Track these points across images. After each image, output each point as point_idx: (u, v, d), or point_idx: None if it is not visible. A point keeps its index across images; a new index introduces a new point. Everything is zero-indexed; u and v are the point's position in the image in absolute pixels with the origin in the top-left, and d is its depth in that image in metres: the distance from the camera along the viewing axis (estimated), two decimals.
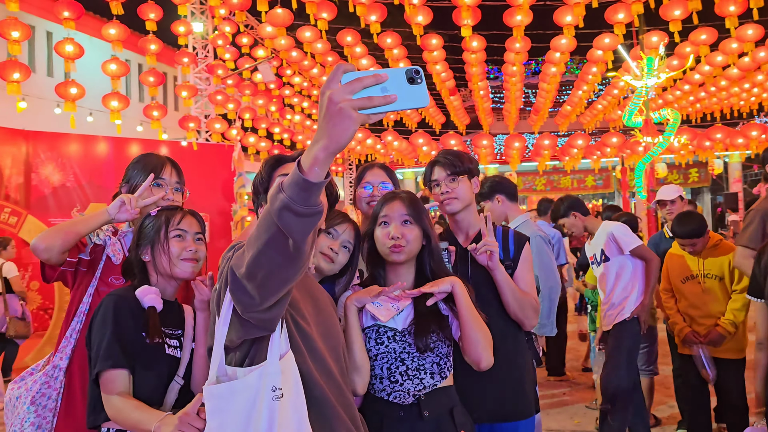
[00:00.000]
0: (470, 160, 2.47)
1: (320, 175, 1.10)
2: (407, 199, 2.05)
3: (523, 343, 2.46)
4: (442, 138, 16.68)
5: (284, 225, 1.14)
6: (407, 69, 1.14)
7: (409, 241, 1.98)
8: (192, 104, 11.76)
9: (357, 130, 1.09)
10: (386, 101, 1.08)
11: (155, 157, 2.38)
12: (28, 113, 9.68)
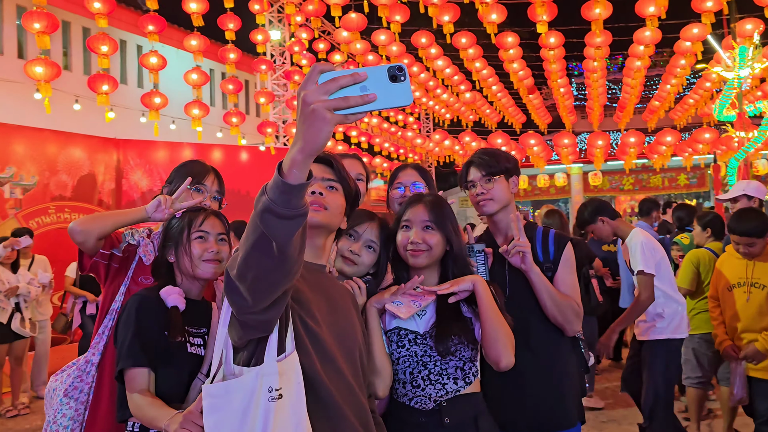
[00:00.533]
0: (507, 159, 2.35)
1: (300, 177, 1.08)
2: (431, 203, 1.98)
3: (565, 350, 2.32)
4: (522, 137, 16.28)
5: (266, 227, 1.12)
6: (390, 66, 1.09)
7: (431, 246, 1.93)
8: (270, 110, 12.09)
9: (332, 130, 1.06)
10: (364, 101, 1.05)
11: (200, 165, 2.43)
12: (116, 122, 10.28)
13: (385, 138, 18.16)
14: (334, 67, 1.07)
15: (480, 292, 1.86)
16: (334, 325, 1.56)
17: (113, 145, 10.20)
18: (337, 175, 1.64)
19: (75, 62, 12.94)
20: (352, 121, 1.08)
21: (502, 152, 2.38)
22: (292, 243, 1.16)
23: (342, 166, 1.67)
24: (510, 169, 2.33)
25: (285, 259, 1.18)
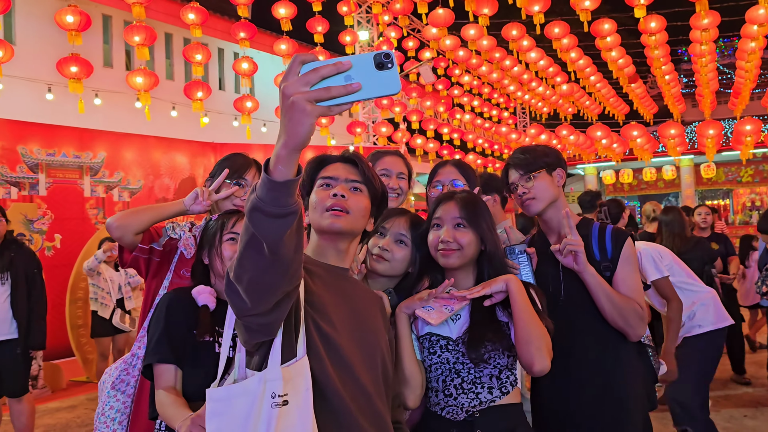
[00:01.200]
0: (546, 153, 2.18)
1: (286, 174, 1.03)
2: (463, 200, 1.87)
3: (629, 357, 2.12)
4: (624, 129, 15.46)
5: (255, 226, 1.09)
6: (376, 53, 1.04)
7: (462, 246, 1.81)
8: (359, 110, 12.20)
9: (315, 123, 1.01)
10: (347, 91, 1.00)
11: (242, 158, 2.41)
12: (210, 127, 10.76)
13: (479, 134, 17.85)
14: (316, 57, 1.02)
15: (513, 291, 1.73)
16: (353, 330, 1.49)
17: (211, 149, 10.68)
18: (362, 175, 1.57)
19: (177, 71, 13.69)
20: (336, 113, 1.03)
21: (539, 147, 2.22)
22: (284, 242, 1.11)
23: (367, 167, 1.59)
24: (550, 162, 2.17)
25: (278, 259, 1.13)
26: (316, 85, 1.00)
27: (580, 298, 2.06)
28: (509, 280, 1.74)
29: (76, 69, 7.29)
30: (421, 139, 13.86)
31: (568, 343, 2.07)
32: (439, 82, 14.62)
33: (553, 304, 2.11)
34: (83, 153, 9.26)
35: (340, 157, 1.60)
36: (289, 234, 1.10)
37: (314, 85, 1.00)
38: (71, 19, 7.09)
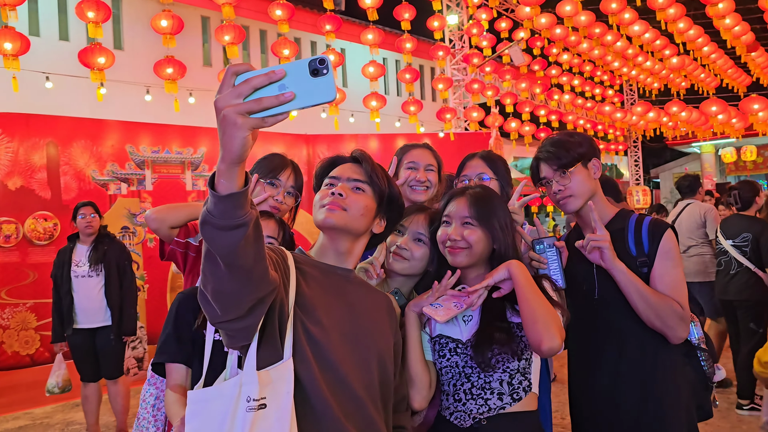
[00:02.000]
0: (579, 143, 2.01)
1: (229, 187, 1.04)
2: (474, 196, 1.78)
3: (672, 362, 1.93)
4: (743, 102, 14.17)
5: (206, 239, 1.10)
6: (311, 60, 1.01)
7: (471, 244, 1.73)
8: (449, 95, 12.01)
9: (247, 136, 1.00)
10: (279, 101, 0.98)
11: (279, 158, 2.41)
12: (298, 120, 11.01)
13: (579, 114, 17.05)
14: (250, 68, 1.00)
15: (515, 273, 1.64)
16: (347, 333, 1.47)
17: (304, 140, 10.97)
18: (366, 175, 1.53)
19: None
20: (271, 124, 1.01)
21: (571, 137, 2.05)
22: (238, 253, 1.11)
23: (373, 166, 1.56)
24: (585, 153, 2.01)
25: (235, 269, 1.13)
26: (250, 97, 0.98)
27: (615, 297, 1.90)
28: (510, 264, 1.66)
29: (171, 70, 7.70)
30: (516, 122, 13.43)
31: (602, 347, 1.92)
32: (535, 62, 14.08)
33: (587, 304, 1.97)
34: (185, 149, 9.81)
35: (349, 158, 1.58)
36: (243, 245, 1.09)
37: (247, 96, 0.98)
38: (165, 23, 7.49)
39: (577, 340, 2.01)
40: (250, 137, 1.00)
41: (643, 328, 1.88)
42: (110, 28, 11.72)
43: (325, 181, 1.55)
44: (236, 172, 1.02)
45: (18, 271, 7.97)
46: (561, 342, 1.55)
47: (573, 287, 2.02)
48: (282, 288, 1.36)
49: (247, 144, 1.00)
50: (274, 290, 1.27)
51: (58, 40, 10.83)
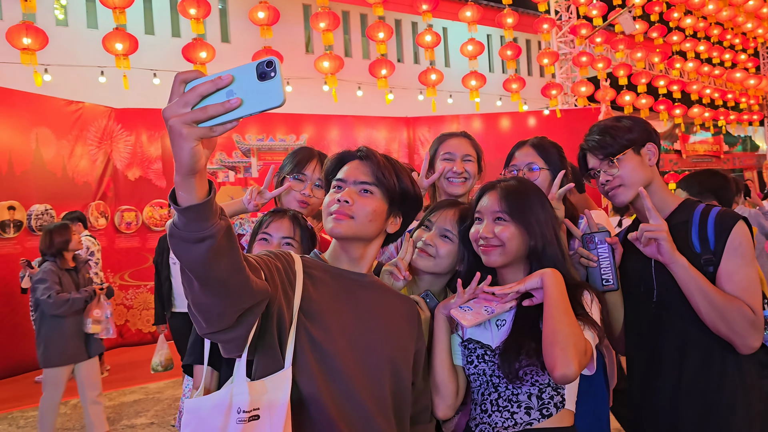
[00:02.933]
0: (629, 128, 1.78)
1: (188, 199, 0.99)
2: (507, 189, 1.62)
3: (740, 375, 1.66)
4: None
5: (173, 252, 1.06)
6: (259, 63, 0.94)
7: (503, 241, 1.57)
8: (554, 70, 11.44)
9: (194, 146, 0.94)
10: (225, 108, 0.93)
11: (305, 152, 2.34)
12: (398, 103, 10.95)
13: (705, 83, 15.65)
14: (199, 74, 0.95)
15: (547, 284, 1.47)
16: (356, 341, 1.39)
17: (404, 123, 10.94)
18: (373, 175, 1.45)
19: (355, 49, 14.12)
20: (220, 133, 0.95)
21: (621, 121, 1.82)
22: (208, 266, 1.06)
23: (380, 164, 1.46)
24: (636, 138, 1.78)
25: (208, 282, 1.09)
26: (198, 105, 0.94)
27: (676, 298, 1.67)
28: (545, 273, 1.49)
29: None
30: (630, 95, 12.56)
31: (662, 356, 1.71)
32: (653, 29, 13.07)
33: (644, 307, 1.76)
34: (288, 136, 10.13)
35: (356, 154, 1.49)
36: (213, 257, 1.05)
37: (195, 105, 0.94)
38: (262, 15, 7.68)
39: (634, 347, 1.81)
40: (200, 147, 0.95)
41: (710, 334, 1.64)
42: (217, 22, 12.28)
43: (333, 183, 1.48)
44: (193, 183, 0.97)
45: (138, 255, 8.64)
46: (577, 370, 1.37)
47: (629, 288, 1.81)
48: (281, 295, 1.30)
49: (196, 155, 0.95)
50: (263, 300, 1.22)
51: (170, 37, 11.51)
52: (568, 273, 1.57)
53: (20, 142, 7.20)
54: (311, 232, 1.96)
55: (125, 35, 6.76)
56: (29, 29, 6.21)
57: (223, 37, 12.27)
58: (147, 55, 9.24)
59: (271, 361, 1.30)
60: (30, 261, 6.32)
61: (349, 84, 10.56)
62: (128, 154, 8.63)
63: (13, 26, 6.22)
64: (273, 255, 1.38)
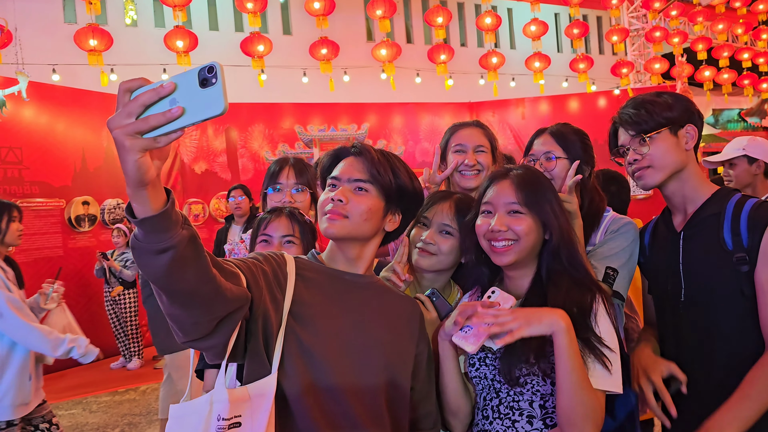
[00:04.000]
0: (669, 104, 1.60)
1: (143, 211, 0.96)
2: (520, 178, 1.48)
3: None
4: None
5: (136, 262, 1.04)
6: (200, 69, 0.90)
7: (519, 236, 1.43)
8: (626, 47, 10.89)
9: (140, 159, 0.91)
10: (166, 118, 0.89)
11: (279, 162, 2.34)
12: (459, 88, 10.73)
13: None
14: (143, 82, 0.92)
15: (560, 344, 1.29)
16: (350, 344, 1.34)
17: (467, 108, 10.74)
18: (367, 172, 1.39)
19: (417, 35, 13.88)
20: (165, 143, 0.92)
21: (661, 96, 1.64)
22: (171, 278, 1.03)
23: (376, 161, 1.39)
24: (675, 117, 1.60)
25: (174, 294, 1.07)
26: (143, 115, 0.90)
27: (707, 300, 1.52)
28: (556, 324, 1.30)
29: (325, 51, 7.92)
30: (710, 70, 11.80)
31: (689, 356, 1.57)
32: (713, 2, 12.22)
33: (671, 308, 1.62)
34: (350, 126, 10.16)
35: (351, 150, 1.43)
36: (176, 268, 1.02)
37: (139, 114, 0.90)
38: (318, 6, 7.70)
39: (665, 356, 1.64)
40: (147, 159, 0.91)
41: (740, 335, 1.48)
42: (279, 15, 12.42)
43: (328, 182, 1.42)
44: (145, 195, 0.94)
45: (207, 246, 8.87)
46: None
47: (656, 285, 1.66)
48: (266, 299, 1.26)
49: (142, 167, 0.91)
50: (241, 307, 1.18)
51: (233, 32, 11.73)
52: (585, 271, 1.44)
53: (92, 140, 7.55)
54: (311, 226, 1.92)
55: (185, 33, 6.94)
56: (95, 31, 6.48)
57: (284, 29, 12.40)
58: (211, 50, 9.45)
59: (258, 366, 1.26)
60: (105, 253, 6.65)
61: (408, 71, 10.44)
62: (194, 148, 8.90)
63: (80, 29, 6.52)
64: (261, 257, 1.34)
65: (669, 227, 1.67)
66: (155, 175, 0.94)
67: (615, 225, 1.81)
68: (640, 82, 11.63)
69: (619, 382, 1.34)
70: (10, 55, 8.29)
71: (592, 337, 1.34)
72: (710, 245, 1.51)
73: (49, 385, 6.42)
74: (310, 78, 10.08)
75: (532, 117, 10.73)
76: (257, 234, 1.91)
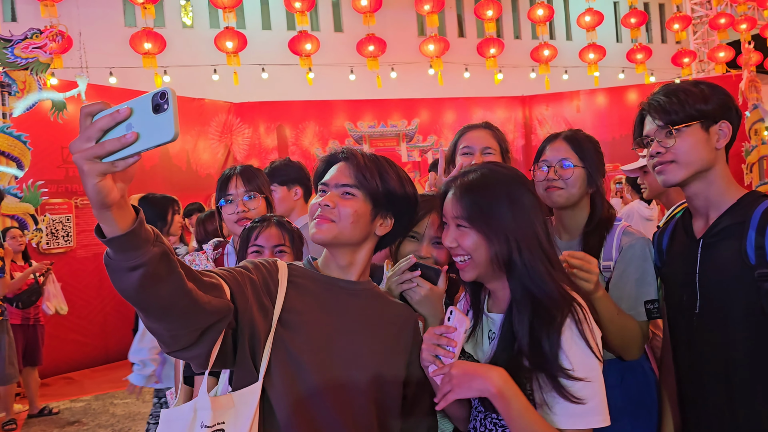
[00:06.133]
0: (705, 96, 1.47)
1: (110, 231, 0.99)
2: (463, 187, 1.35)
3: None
4: None
5: (109, 277, 1.06)
6: (153, 94, 0.91)
7: (469, 251, 1.32)
8: (688, 36, 10.42)
9: (100, 183, 0.93)
10: (122, 143, 0.91)
11: (225, 174, 2.31)
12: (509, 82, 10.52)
13: None
14: (103, 106, 0.94)
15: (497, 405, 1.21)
16: (338, 351, 1.35)
17: (520, 102, 10.56)
18: (354, 178, 1.38)
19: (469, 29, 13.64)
20: (122, 167, 0.93)
21: (698, 87, 1.50)
22: (143, 295, 1.06)
23: (362, 166, 1.38)
24: (709, 111, 1.46)
25: (149, 310, 1.09)
26: (102, 138, 0.93)
27: (725, 314, 1.41)
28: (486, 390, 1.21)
29: (372, 48, 7.94)
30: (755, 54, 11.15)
31: (706, 381, 1.47)
32: None
33: (686, 321, 1.52)
34: (400, 122, 10.15)
35: (341, 156, 1.43)
36: (148, 284, 1.04)
37: (99, 139, 0.93)
38: (365, 2, 7.72)
39: (677, 369, 1.57)
40: (107, 182, 0.93)
41: (757, 351, 1.37)
42: (330, 13, 12.52)
43: (319, 188, 1.43)
44: (110, 216, 0.96)
45: None
46: None
47: (671, 294, 1.57)
48: (253, 308, 1.28)
49: (103, 190, 0.93)
50: (223, 318, 1.19)
51: (286, 30, 11.91)
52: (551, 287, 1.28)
53: None
54: (299, 234, 1.92)
55: (234, 33, 7.09)
56: (149, 35, 6.71)
57: (336, 26, 12.50)
58: (263, 49, 9.64)
59: (245, 373, 1.28)
60: None
61: (457, 66, 10.33)
62: (246, 146, 9.11)
63: (135, 33, 6.76)
64: (251, 266, 1.36)
65: (688, 232, 1.56)
66: (119, 196, 0.95)
67: (627, 242, 1.70)
68: (703, 72, 11.12)
69: (599, 412, 1.22)
70: (75, 59, 8.71)
71: (559, 373, 1.22)
72: (730, 257, 1.40)
73: (106, 375, 6.74)
74: (358, 75, 10.12)
75: (588, 110, 10.44)
76: (247, 244, 1.91)
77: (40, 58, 6.15)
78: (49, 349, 5.73)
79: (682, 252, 1.51)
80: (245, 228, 1.95)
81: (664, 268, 1.62)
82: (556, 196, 1.75)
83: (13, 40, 6.11)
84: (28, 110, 6.12)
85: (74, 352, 6.49)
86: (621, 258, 1.69)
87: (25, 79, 6.17)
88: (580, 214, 1.77)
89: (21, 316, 5.06)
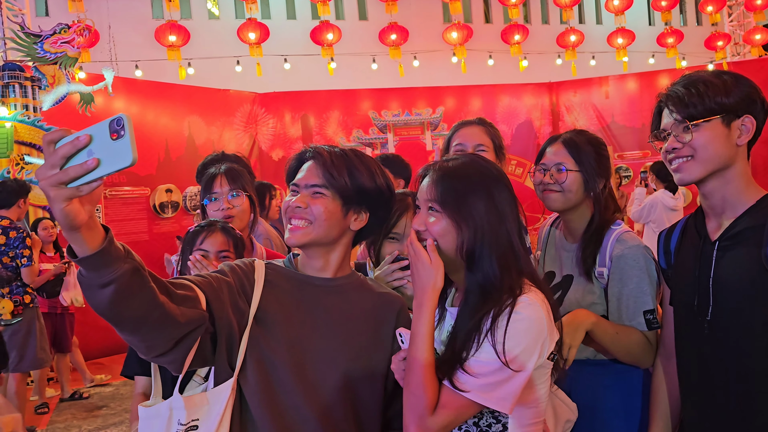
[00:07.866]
0: (728, 89, 1.36)
1: (81, 251, 1.03)
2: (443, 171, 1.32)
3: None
4: None
5: (83, 293, 1.12)
6: (110, 121, 0.95)
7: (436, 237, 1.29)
8: (721, 19, 10.11)
9: (67, 207, 0.97)
10: (83, 170, 0.94)
11: (209, 172, 2.33)
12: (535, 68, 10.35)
13: None
14: (64, 133, 0.97)
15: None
16: (312, 350, 1.38)
17: (546, 89, 10.39)
18: (323, 177, 1.40)
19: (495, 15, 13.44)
20: (88, 192, 0.97)
21: (721, 78, 1.39)
22: (116, 309, 1.10)
23: (329, 164, 1.40)
24: (731, 105, 1.36)
25: (122, 323, 1.14)
26: (66, 165, 0.96)
27: (738, 320, 1.34)
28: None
29: (395, 36, 7.91)
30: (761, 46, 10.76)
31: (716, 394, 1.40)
32: None
33: (695, 327, 1.44)
34: (424, 110, 10.10)
35: (307, 155, 1.45)
36: (120, 299, 1.08)
37: (62, 165, 0.96)
38: None
39: (682, 377, 1.50)
40: (74, 206, 0.97)
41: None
42: (355, 1, 12.50)
43: (291, 188, 1.45)
44: (80, 237, 1.00)
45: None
46: None
47: (679, 298, 1.50)
48: (229, 311, 1.32)
49: (70, 213, 0.97)
50: (197, 327, 1.24)
51: (311, 20, 11.94)
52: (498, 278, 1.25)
53: (175, 130, 7.97)
54: (242, 240, 1.98)
55: (257, 24, 7.14)
56: (173, 27, 6.81)
57: (360, 15, 12.48)
58: (288, 39, 9.69)
59: (222, 373, 1.34)
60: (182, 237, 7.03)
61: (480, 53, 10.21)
62: (271, 136, 9.18)
63: (160, 26, 6.86)
64: (228, 269, 1.40)
65: (701, 233, 1.46)
66: (86, 218, 0.99)
67: (620, 250, 1.68)
68: (738, 55, 10.78)
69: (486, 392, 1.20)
70: (104, 52, 8.88)
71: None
72: (748, 262, 1.32)
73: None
74: (381, 64, 10.09)
75: (617, 96, 10.21)
76: (192, 246, 1.94)
77: (68, 52, 6.30)
78: (80, 336, 5.92)
79: (695, 254, 1.43)
80: (190, 230, 2.00)
81: (672, 271, 1.54)
82: (552, 200, 1.76)
83: (43, 35, 6.27)
84: (57, 104, 6.28)
85: (104, 339, 6.67)
86: (614, 268, 1.68)
87: (54, 73, 6.33)
88: (582, 218, 1.77)
89: (48, 305, 5.23)
